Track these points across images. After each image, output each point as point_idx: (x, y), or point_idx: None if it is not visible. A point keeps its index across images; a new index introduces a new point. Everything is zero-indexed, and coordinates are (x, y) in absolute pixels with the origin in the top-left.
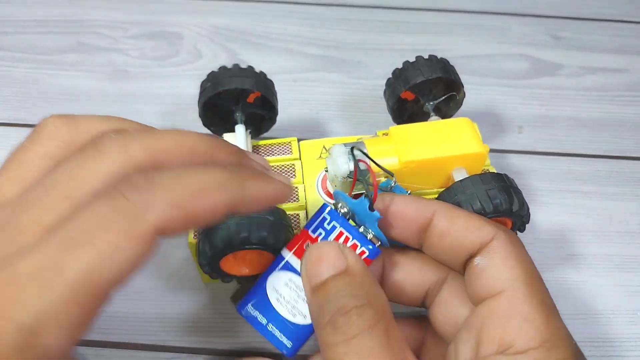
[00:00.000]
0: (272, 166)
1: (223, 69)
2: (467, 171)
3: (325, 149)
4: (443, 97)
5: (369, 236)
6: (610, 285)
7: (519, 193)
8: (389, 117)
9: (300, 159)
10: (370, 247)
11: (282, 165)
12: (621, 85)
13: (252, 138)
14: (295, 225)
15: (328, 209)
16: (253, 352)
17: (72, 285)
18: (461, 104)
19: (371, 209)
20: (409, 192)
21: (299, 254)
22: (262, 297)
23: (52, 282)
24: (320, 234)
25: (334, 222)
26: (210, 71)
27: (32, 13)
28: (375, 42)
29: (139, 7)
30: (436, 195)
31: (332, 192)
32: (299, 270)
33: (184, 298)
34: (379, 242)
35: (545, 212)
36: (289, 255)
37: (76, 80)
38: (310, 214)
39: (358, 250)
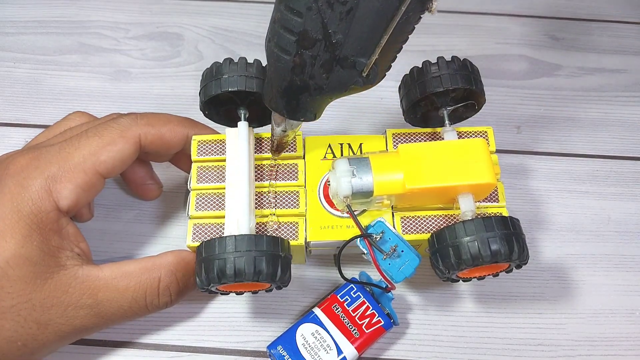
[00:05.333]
0: (274, 163)
1: (229, 61)
2: (473, 197)
3: (330, 148)
4: (461, 104)
5: (385, 311)
6: (609, 284)
7: (520, 241)
8: (390, 117)
9: (303, 158)
10: (385, 320)
11: (284, 164)
12: (619, 86)
13: (255, 127)
14: (294, 236)
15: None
16: (251, 351)
17: (83, 156)
18: (479, 110)
19: (385, 291)
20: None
21: (326, 312)
22: (291, 341)
23: (71, 154)
24: (347, 300)
25: (359, 293)
26: (213, 62)
27: (34, 14)
28: None
29: (140, 8)
30: (437, 212)
31: (333, 202)
32: (325, 325)
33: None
34: (393, 319)
35: (544, 212)
36: (318, 312)
37: (77, 80)
38: (310, 221)
39: (375, 320)
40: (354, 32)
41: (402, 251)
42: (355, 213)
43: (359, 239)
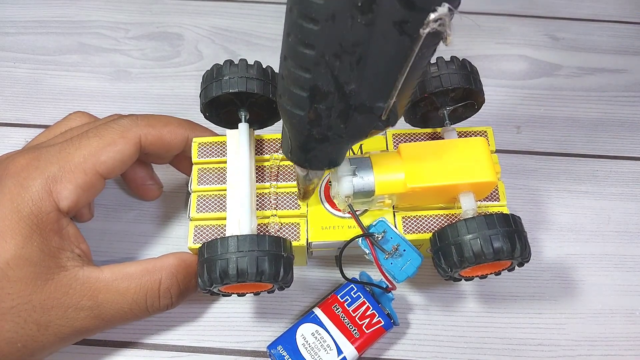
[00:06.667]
0: (276, 164)
1: (229, 63)
2: (474, 195)
3: None
4: (460, 104)
5: (385, 311)
6: (609, 284)
7: (523, 238)
8: None
9: None
10: (385, 320)
11: (286, 165)
12: (619, 86)
13: (256, 129)
14: (295, 237)
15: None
16: (250, 351)
17: (83, 157)
18: (479, 110)
19: (386, 292)
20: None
21: (326, 312)
22: (291, 341)
23: (71, 155)
24: (347, 300)
25: (359, 293)
26: (214, 63)
27: (34, 14)
28: None
29: (140, 8)
30: (438, 211)
31: (335, 202)
32: (325, 325)
33: None
34: (393, 319)
35: (544, 212)
36: (318, 312)
37: (77, 80)
38: (311, 222)
39: (375, 320)
40: (367, 79)
41: (404, 250)
42: (357, 213)
43: (360, 238)
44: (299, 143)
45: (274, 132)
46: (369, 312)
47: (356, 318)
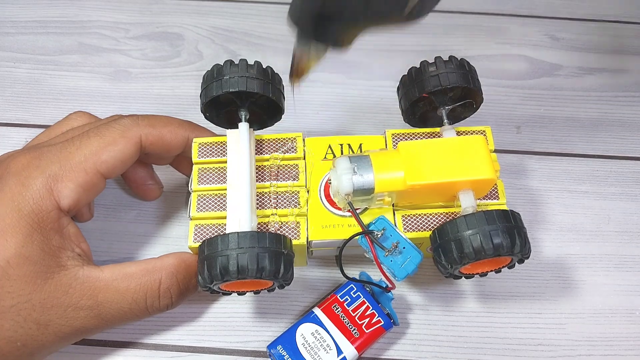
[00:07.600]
0: (276, 164)
1: (229, 63)
2: (474, 193)
3: (331, 149)
4: (459, 103)
5: (385, 311)
6: (609, 284)
7: (522, 234)
8: (389, 117)
9: (304, 159)
10: (385, 320)
11: (285, 165)
12: (619, 86)
13: (256, 129)
14: (296, 235)
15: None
16: (250, 351)
17: (84, 156)
18: (477, 109)
19: (385, 291)
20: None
21: (326, 312)
22: (291, 341)
23: (72, 154)
24: (347, 299)
25: (359, 293)
26: (214, 64)
27: (34, 14)
28: (375, 43)
29: (140, 8)
30: (438, 210)
31: (335, 201)
32: (324, 325)
33: None
34: (392, 319)
35: (544, 212)
36: (318, 311)
37: (77, 80)
38: (311, 221)
39: (375, 319)
40: None
41: (404, 248)
42: (357, 211)
43: (360, 236)
44: (311, 13)
45: (274, 132)
46: (368, 312)
47: (356, 318)
